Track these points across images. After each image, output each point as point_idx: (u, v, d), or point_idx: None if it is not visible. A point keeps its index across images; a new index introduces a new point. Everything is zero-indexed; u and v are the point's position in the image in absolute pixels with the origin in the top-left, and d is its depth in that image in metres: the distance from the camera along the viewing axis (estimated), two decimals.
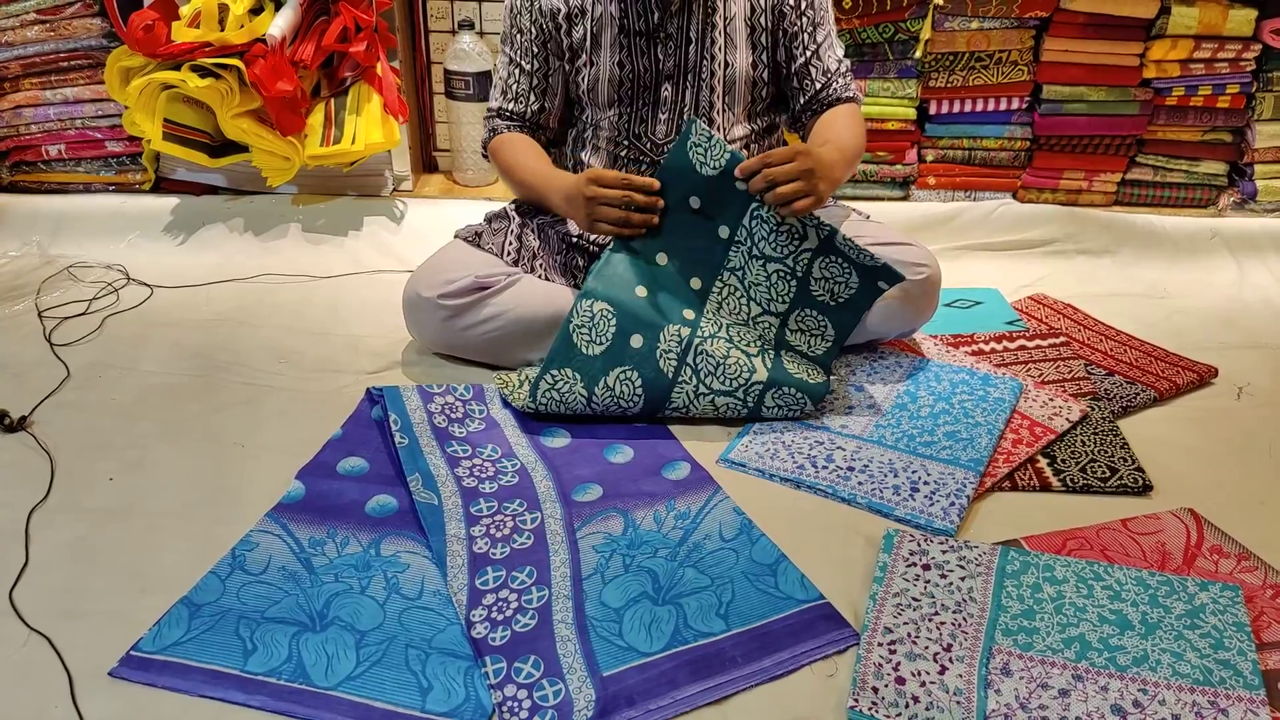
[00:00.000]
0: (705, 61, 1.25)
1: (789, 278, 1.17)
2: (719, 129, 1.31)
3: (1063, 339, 1.43)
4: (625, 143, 1.32)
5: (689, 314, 1.17)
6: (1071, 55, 1.75)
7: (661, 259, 1.19)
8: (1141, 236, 1.80)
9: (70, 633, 0.87)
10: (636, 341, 1.14)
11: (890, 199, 1.89)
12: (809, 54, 1.29)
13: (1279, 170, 1.81)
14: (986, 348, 1.41)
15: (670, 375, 1.14)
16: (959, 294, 1.58)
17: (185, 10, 1.64)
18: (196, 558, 0.96)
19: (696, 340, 1.15)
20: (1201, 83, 1.74)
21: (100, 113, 1.83)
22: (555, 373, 1.14)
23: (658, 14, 1.24)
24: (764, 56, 1.28)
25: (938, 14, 1.74)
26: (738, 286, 1.19)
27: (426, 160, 2.06)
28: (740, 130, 1.32)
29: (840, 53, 1.32)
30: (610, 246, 1.19)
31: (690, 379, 1.14)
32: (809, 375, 1.18)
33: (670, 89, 1.27)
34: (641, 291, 1.16)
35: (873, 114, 1.82)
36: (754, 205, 1.16)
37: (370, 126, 1.74)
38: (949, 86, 1.79)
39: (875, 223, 1.35)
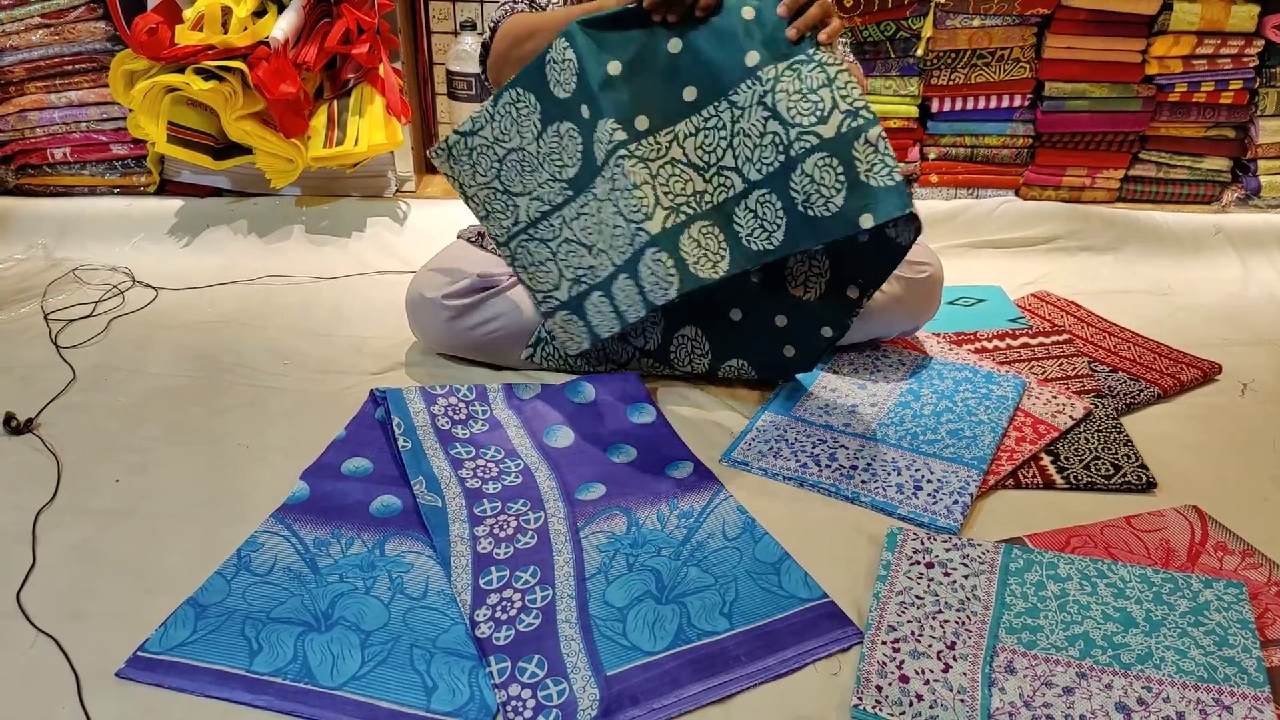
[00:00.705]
0: None
1: (780, 150, 1.02)
2: None
3: (1066, 336, 1.43)
4: None
5: (642, 123, 1.03)
6: (1073, 52, 1.74)
7: (675, 45, 1.04)
8: (1145, 233, 1.79)
9: (77, 634, 0.88)
10: (584, 112, 1.05)
11: None
12: None
13: None
14: (989, 345, 1.41)
15: (599, 162, 1.05)
16: (962, 291, 1.58)
17: (189, 13, 1.65)
18: (202, 559, 0.97)
19: (622, 152, 1.01)
20: (1204, 79, 1.74)
21: (105, 116, 1.84)
22: (519, 91, 1.08)
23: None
24: None
25: (939, 12, 1.74)
26: (726, 125, 1.04)
27: (428, 162, 2.06)
28: None
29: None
30: (627, 3, 1.04)
31: (611, 177, 1.03)
32: (700, 265, 1.02)
33: None
34: (615, 67, 1.02)
35: (875, 112, 1.82)
36: (807, 53, 1.00)
37: (373, 128, 1.75)
38: (951, 84, 1.79)
39: None
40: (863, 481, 1.09)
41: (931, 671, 0.82)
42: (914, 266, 1.24)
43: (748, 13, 1.02)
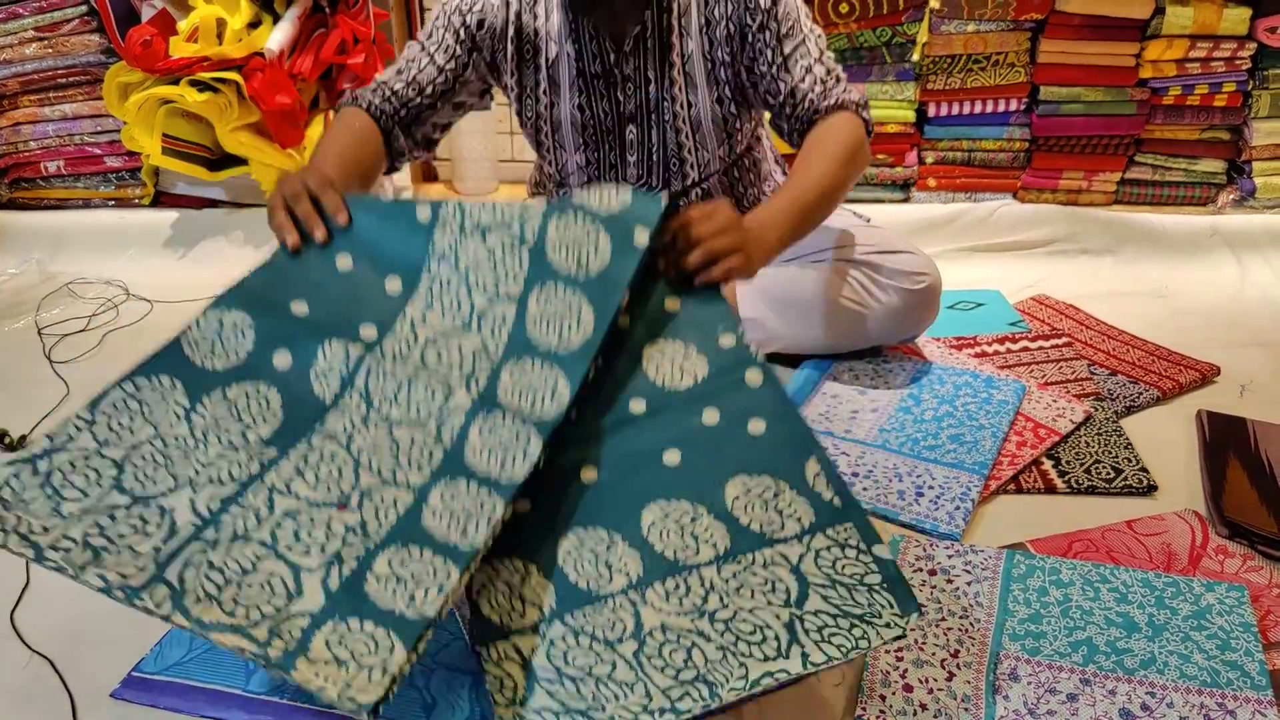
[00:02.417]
0: (667, 103, 1.17)
1: (518, 246, 0.85)
2: (692, 167, 1.22)
3: (1065, 340, 1.43)
4: None
5: (369, 331, 0.84)
6: (1068, 56, 1.75)
7: (344, 262, 0.87)
8: (1142, 235, 1.80)
9: (72, 654, 0.87)
10: (281, 361, 0.82)
11: (891, 201, 1.89)
12: (775, 69, 1.12)
13: (1277, 167, 1.81)
14: (989, 350, 1.40)
15: (327, 399, 0.80)
16: (961, 296, 1.58)
17: (183, 25, 1.65)
18: None
19: (370, 358, 0.82)
20: (1198, 81, 1.74)
21: (99, 128, 1.83)
22: (143, 380, 0.79)
23: (613, 55, 1.15)
24: (727, 91, 1.16)
25: (934, 17, 1.74)
26: (452, 275, 0.86)
27: (426, 170, 2.06)
28: (716, 164, 1.24)
29: (813, 58, 1.13)
30: (274, 253, 0.89)
31: (357, 405, 0.80)
32: (539, 406, 0.79)
33: (636, 130, 1.20)
34: (300, 307, 0.84)
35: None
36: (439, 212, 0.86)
37: None
38: (947, 89, 1.79)
39: (876, 228, 1.35)
40: (864, 489, 1.08)
41: (935, 680, 0.82)
42: (912, 278, 1.24)
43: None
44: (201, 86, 1.64)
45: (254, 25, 1.69)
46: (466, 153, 1.92)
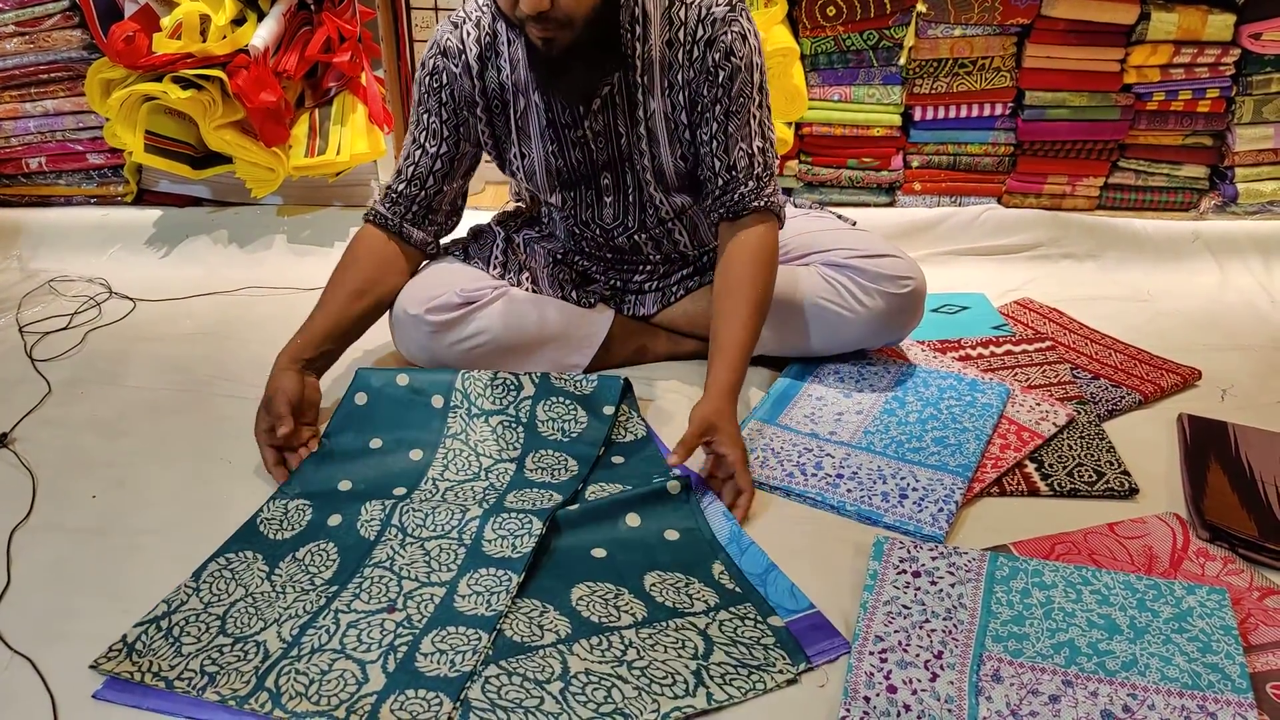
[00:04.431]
0: (638, 155, 1.20)
1: (515, 425, 1.15)
2: (667, 213, 1.27)
3: (1049, 343, 1.44)
4: (576, 228, 1.31)
5: (399, 490, 1.07)
6: (1053, 61, 1.76)
7: (375, 443, 1.13)
8: (1125, 240, 1.81)
9: (53, 655, 0.86)
10: (334, 520, 1.02)
11: (876, 204, 1.90)
12: (715, 144, 1.15)
13: (1259, 173, 1.83)
14: (974, 353, 1.41)
15: (372, 538, 1.00)
16: (946, 299, 1.59)
17: (166, 21, 1.64)
18: (181, 576, 0.95)
19: (402, 505, 1.02)
20: (1182, 87, 1.76)
21: (81, 125, 1.82)
22: (232, 555, 0.98)
23: (581, 108, 1.17)
24: (691, 150, 1.20)
25: (921, 21, 1.75)
26: (463, 448, 1.13)
27: None
28: (687, 204, 1.27)
29: (754, 146, 1.16)
30: (317, 450, 1.13)
31: (395, 536, 0.99)
32: (535, 508, 1.02)
33: (610, 176, 1.23)
34: (346, 484, 1.08)
35: (858, 120, 1.83)
36: (463, 372, 1.18)
37: (355, 137, 1.74)
38: (933, 93, 1.81)
39: (861, 231, 1.35)
40: (848, 490, 1.09)
41: (919, 681, 0.82)
42: (897, 282, 1.25)
43: (401, 380, 1.19)
44: (185, 83, 1.62)
45: (238, 22, 1.67)
46: None
